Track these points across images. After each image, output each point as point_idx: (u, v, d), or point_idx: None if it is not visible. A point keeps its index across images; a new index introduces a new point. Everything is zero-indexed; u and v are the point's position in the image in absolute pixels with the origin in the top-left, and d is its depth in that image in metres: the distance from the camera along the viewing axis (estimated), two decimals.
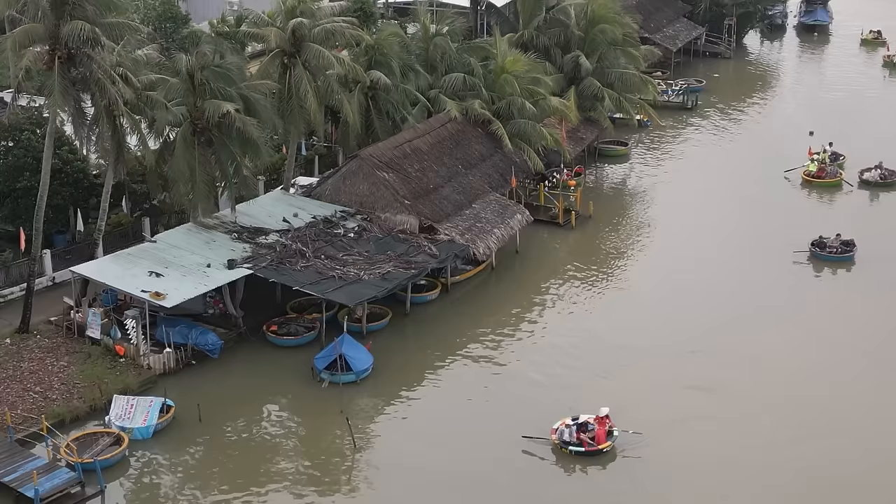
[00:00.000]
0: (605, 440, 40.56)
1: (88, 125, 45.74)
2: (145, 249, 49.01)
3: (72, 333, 47.16)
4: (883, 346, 48.05)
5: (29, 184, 50.92)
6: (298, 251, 50.10)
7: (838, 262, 56.69)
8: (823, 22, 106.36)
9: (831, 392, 44.51)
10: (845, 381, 45.45)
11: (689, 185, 67.28)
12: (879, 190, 66.34)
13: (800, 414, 42.92)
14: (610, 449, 40.49)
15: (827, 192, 65.95)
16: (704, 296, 52.49)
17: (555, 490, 38.56)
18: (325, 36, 53.29)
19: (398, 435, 42.21)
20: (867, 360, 46.95)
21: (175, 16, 64.75)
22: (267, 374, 46.21)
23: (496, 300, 53.18)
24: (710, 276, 54.51)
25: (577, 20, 70.68)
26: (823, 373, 45.99)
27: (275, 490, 38.76)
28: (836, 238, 57.37)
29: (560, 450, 40.35)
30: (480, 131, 61.54)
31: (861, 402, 43.93)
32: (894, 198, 65.82)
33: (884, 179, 66.65)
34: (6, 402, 42.29)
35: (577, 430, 40.76)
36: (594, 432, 40.70)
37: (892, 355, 47.35)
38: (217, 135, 48.93)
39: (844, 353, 47.45)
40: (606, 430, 40.88)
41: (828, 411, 43.24)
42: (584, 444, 40.36)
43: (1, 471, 38.27)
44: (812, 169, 66.70)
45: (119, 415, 41.69)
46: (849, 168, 68.14)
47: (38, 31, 42.68)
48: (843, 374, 45.98)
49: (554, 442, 40.59)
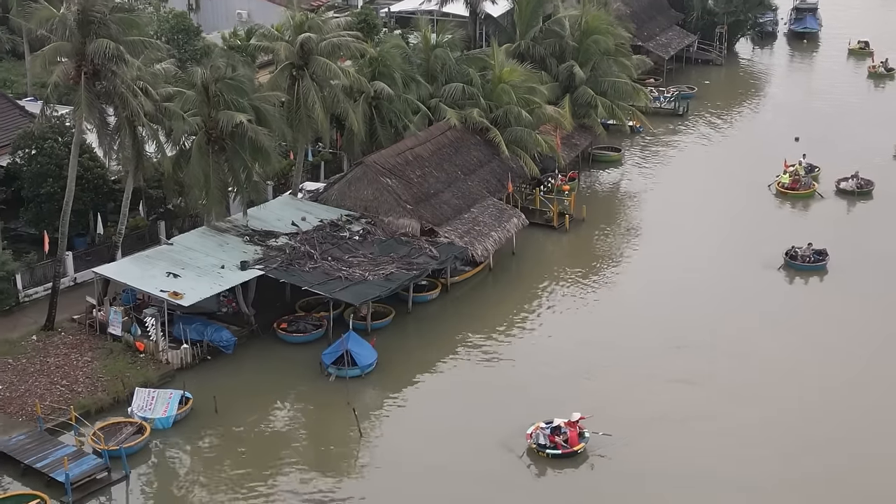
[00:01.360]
0: (577, 442, 42.19)
1: (110, 135, 48.03)
2: (162, 251, 51.11)
3: (94, 330, 49.15)
4: (855, 350, 49.77)
5: (52, 190, 52.88)
6: (307, 253, 51.83)
7: (811, 271, 57.77)
8: (813, 29, 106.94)
9: (805, 394, 46.20)
10: (821, 385, 46.94)
11: (678, 190, 68.89)
12: (856, 198, 67.68)
13: (778, 415, 44.63)
14: (582, 450, 42.13)
15: (801, 202, 67.14)
16: (686, 298, 54.30)
17: (539, 485, 40.97)
18: (331, 49, 55.03)
19: (400, 425, 44.47)
20: (843, 364, 48.58)
21: (187, 28, 66.75)
22: (277, 368, 48.17)
23: (493, 299, 55.18)
24: (691, 280, 56.17)
25: (572, 31, 72.23)
26: (799, 377, 47.48)
27: (285, 475, 41.11)
28: (807, 247, 58.28)
29: (537, 453, 42.04)
30: (479, 138, 63.08)
31: (837, 406, 45.44)
32: (869, 206, 67.10)
33: (860, 188, 67.86)
34: (35, 395, 44.42)
35: (551, 434, 42.39)
36: (567, 435, 42.31)
37: (863, 359, 49.01)
38: (230, 143, 50.73)
39: (821, 357, 49.14)
40: (578, 433, 42.46)
41: (805, 414, 44.84)
42: (558, 447, 42.03)
43: (33, 457, 40.55)
44: (785, 181, 67.93)
45: (141, 406, 43.90)
46: (826, 177, 69.25)
47: (66, 48, 45.01)
48: (818, 378, 47.46)
49: (530, 446, 42.30)
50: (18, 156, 54.45)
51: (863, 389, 46.71)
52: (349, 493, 40.29)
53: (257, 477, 41.05)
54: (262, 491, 40.31)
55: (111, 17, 44.98)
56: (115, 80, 45.40)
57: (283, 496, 40.07)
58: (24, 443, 41.47)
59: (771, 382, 47.07)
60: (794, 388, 46.60)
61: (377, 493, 40.31)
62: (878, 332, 51.50)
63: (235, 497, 39.94)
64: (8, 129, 56.01)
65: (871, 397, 46.12)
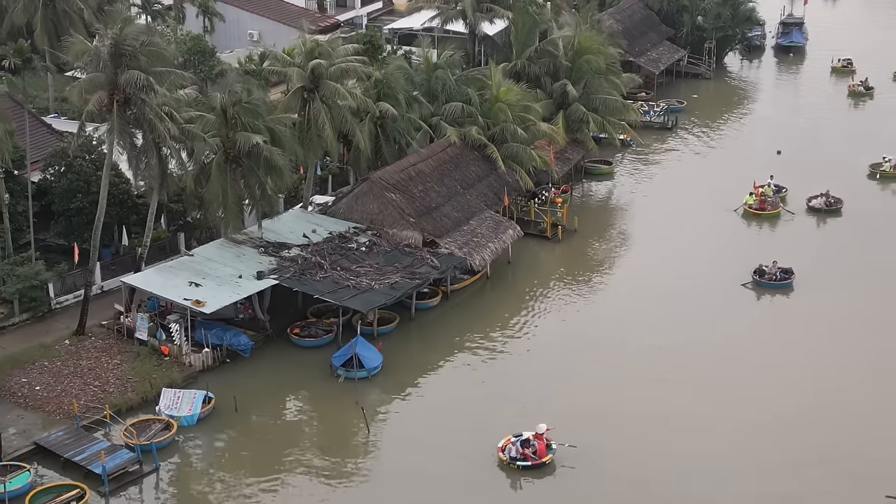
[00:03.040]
0: (545, 454, 44.30)
1: (137, 155, 51.76)
2: (184, 262, 54.37)
3: (122, 335, 52.21)
4: (815, 363, 52.30)
5: (81, 204, 56.08)
6: (317, 263, 54.71)
7: (777, 288, 59.46)
8: (799, 43, 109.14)
9: (762, 414, 48.12)
10: (783, 402, 48.95)
11: (664, 202, 71.52)
12: (825, 216, 69.78)
13: (738, 429, 46.92)
14: (550, 461, 44.51)
15: (768, 221, 68.98)
16: (666, 306, 57.29)
17: (516, 494, 44.01)
18: (339, 74, 58.37)
19: (404, 422, 47.90)
20: (804, 378, 50.91)
21: (203, 49, 70.38)
22: (291, 370, 51.35)
23: (491, 306, 58.21)
24: (671, 288, 59.05)
25: (565, 51, 74.92)
26: (756, 392, 49.60)
27: (298, 469, 44.61)
28: (773, 265, 59.92)
29: (508, 465, 44.32)
30: (477, 154, 65.70)
31: (798, 421, 47.51)
32: (838, 223, 69.18)
33: (829, 206, 69.62)
34: (71, 395, 47.69)
35: (522, 447, 44.48)
36: (536, 447, 44.38)
37: (821, 371, 51.62)
38: (246, 162, 53.77)
39: (781, 373, 51.23)
40: (546, 445, 44.49)
41: (763, 429, 46.97)
42: (528, 459, 44.17)
43: (71, 451, 43.99)
44: (751, 202, 69.40)
45: (167, 405, 47.16)
46: (800, 194, 70.73)
47: (100, 79, 48.48)
48: (780, 394, 49.53)
49: (502, 459, 44.42)
50: (49, 172, 57.99)
51: (830, 395, 49.87)
52: (357, 484, 43.84)
53: (274, 469, 44.55)
54: (279, 481, 43.90)
55: (141, 49, 48.69)
56: (145, 107, 48.86)
57: (297, 486, 43.65)
58: (62, 438, 44.93)
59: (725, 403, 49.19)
60: (756, 406, 48.92)
61: (379, 482, 43.89)
62: (838, 345, 54.16)
63: (254, 487, 43.49)
64: (39, 147, 59.07)
65: (835, 397, 49.62)
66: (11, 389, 48.30)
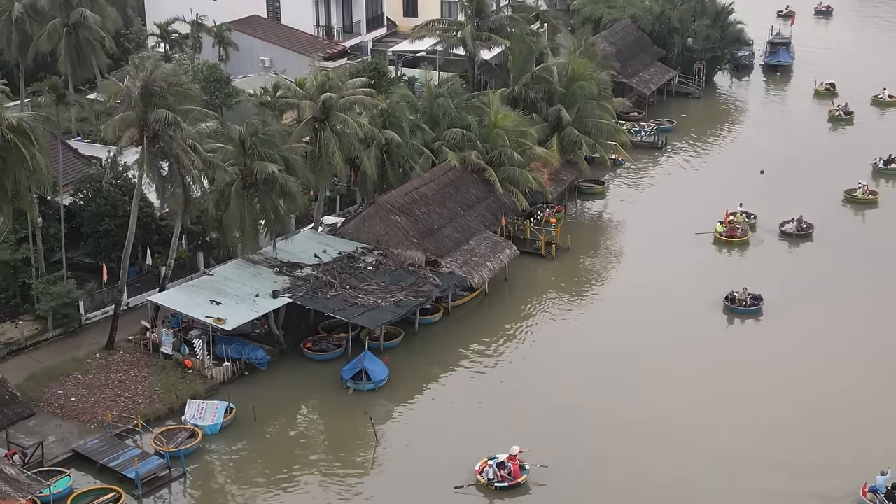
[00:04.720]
0: (520, 474, 46.27)
1: (163, 184, 56.03)
2: (205, 281, 57.99)
3: (148, 350, 55.80)
4: (780, 383, 54.56)
5: (108, 227, 59.96)
6: (328, 282, 58.06)
7: (748, 314, 61.38)
8: (786, 62, 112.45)
9: (733, 434, 50.29)
10: (757, 420, 51.28)
11: (652, 222, 74.87)
12: (797, 240, 72.12)
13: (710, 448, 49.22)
14: (525, 481, 46.62)
15: (737, 248, 70.90)
16: (643, 326, 60.13)
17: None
18: (348, 105, 62.05)
19: (409, 431, 51.53)
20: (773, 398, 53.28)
21: (219, 78, 74.57)
22: (304, 382, 54.36)
23: (489, 321, 61.04)
24: (651, 309, 62.44)
25: (559, 77, 78.34)
26: (724, 413, 51.94)
27: (311, 474, 48.09)
28: (743, 291, 61.93)
29: (486, 487, 46.34)
30: (476, 178, 68.88)
31: (770, 441, 49.63)
32: (808, 248, 71.52)
33: (800, 231, 71.89)
34: (103, 405, 51.38)
35: (498, 468, 46.39)
36: (510, 469, 46.27)
37: (787, 388, 53.92)
38: (263, 188, 57.63)
39: (752, 394, 53.58)
40: (519, 466, 46.46)
41: (733, 447, 49.07)
42: (503, 479, 46.06)
43: (106, 458, 47.80)
44: (720, 230, 71.42)
45: (192, 415, 50.83)
46: (773, 219, 72.99)
47: (131, 117, 52.48)
48: (754, 412, 51.92)
49: (479, 481, 46.36)
50: (79, 196, 62.06)
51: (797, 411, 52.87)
52: (366, 488, 47.55)
53: (290, 474, 48.31)
54: (295, 485, 47.74)
55: (169, 90, 52.85)
56: (172, 142, 52.78)
57: (311, 490, 47.52)
58: (97, 446, 48.76)
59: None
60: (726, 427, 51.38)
61: (385, 486, 47.61)
62: (807, 366, 56.94)
63: (272, 490, 47.30)
64: (68, 172, 62.77)
65: (802, 413, 52.92)
66: (49, 400, 52.02)
